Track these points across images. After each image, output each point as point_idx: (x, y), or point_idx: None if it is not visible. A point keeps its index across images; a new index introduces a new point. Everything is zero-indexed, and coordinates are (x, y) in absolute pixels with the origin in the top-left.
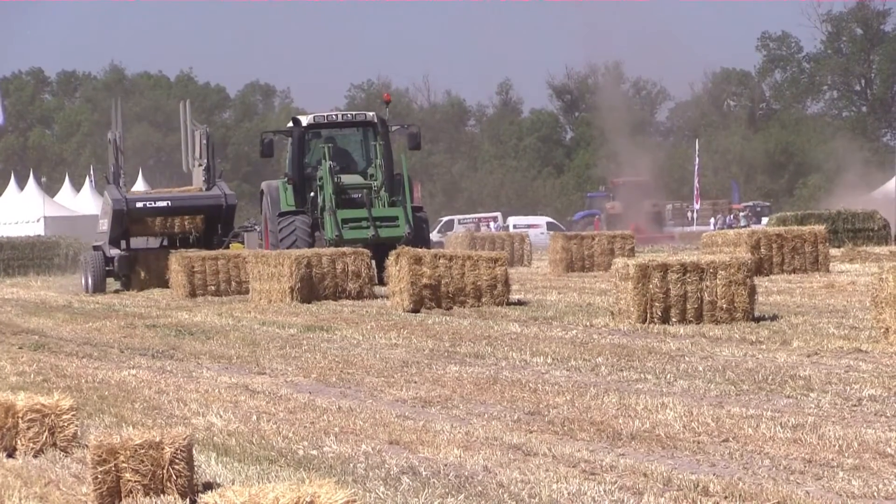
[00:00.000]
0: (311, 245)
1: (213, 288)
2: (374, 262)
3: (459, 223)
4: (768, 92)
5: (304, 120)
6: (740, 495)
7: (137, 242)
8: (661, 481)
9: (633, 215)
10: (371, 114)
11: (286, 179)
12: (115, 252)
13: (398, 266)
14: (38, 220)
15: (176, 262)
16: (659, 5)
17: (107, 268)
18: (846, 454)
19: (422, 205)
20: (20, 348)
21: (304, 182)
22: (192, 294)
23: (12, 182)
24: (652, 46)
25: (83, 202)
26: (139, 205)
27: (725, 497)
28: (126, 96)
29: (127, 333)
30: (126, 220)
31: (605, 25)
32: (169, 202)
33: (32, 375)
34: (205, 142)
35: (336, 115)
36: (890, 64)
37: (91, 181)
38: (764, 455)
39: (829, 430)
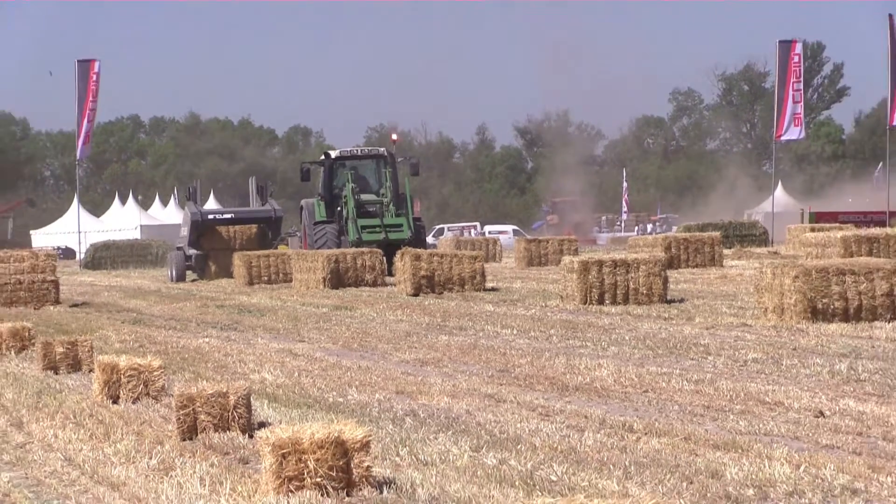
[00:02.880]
0: (338, 246)
1: (265, 278)
2: (385, 258)
3: (448, 230)
4: (678, 133)
5: (333, 153)
6: (656, 432)
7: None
8: (598, 422)
9: (566, 225)
10: (382, 149)
11: (319, 198)
12: (192, 251)
13: (402, 262)
14: (135, 228)
15: (238, 259)
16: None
17: (186, 263)
18: (735, 402)
19: (420, 216)
20: (122, 323)
21: (333, 200)
22: (250, 283)
23: (116, 200)
24: (593, 97)
25: (169, 214)
26: (211, 216)
27: (646, 433)
28: (201, 136)
29: (202, 311)
30: (201, 228)
31: (557, 83)
32: (233, 214)
33: (131, 343)
34: (257, 192)
35: (356, 150)
36: (769, 112)
37: (175, 199)
38: (674, 402)
39: (723, 384)
